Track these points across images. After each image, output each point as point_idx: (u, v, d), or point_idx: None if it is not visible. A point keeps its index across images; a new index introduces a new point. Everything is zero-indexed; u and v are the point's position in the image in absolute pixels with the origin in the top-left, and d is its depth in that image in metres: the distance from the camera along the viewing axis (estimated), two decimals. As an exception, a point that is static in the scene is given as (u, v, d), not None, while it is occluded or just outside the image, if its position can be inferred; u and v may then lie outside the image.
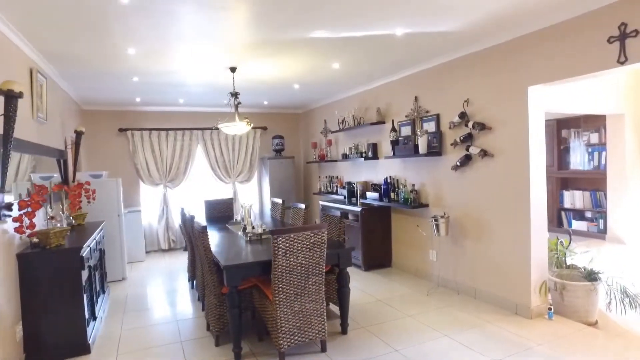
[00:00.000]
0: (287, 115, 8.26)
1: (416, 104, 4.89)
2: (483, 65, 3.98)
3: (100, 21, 3.05)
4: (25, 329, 3.12)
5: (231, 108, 4.77)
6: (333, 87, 6.03)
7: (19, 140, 3.21)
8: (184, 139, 7.43)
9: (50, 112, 4.21)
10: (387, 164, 5.56)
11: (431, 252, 4.80)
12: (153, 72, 4.60)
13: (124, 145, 7.05)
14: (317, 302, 3.14)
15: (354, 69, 4.92)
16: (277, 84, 5.58)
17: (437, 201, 4.69)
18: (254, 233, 4.06)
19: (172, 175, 7.36)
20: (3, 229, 2.90)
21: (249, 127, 4.81)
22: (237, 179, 7.84)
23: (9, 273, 2.95)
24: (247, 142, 7.89)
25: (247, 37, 3.58)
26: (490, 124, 3.92)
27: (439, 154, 4.55)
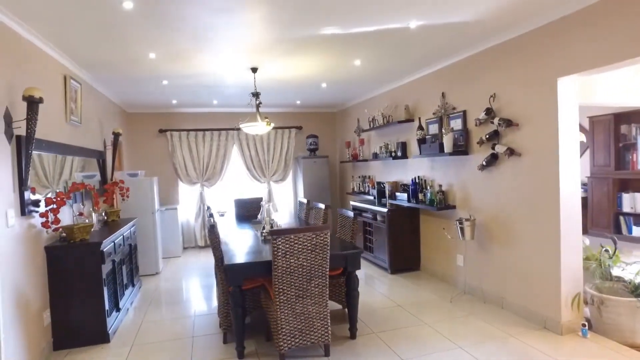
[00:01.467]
0: (322, 114, 8.23)
1: (443, 100, 4.64)
2: (509, 56, 3.67)
3: (117, 28, 3.20)
4: (53, 315, 3.37)
5: (252, 108, 4.81)
6: (363, 85, 5.90)
7: (49, 142, 3.46)
8: (220, 139, 7.65)
9: (85, 116, 4.51)
10: (415, 164, 5.34)
11: (458, 256, 4.54)
12: (179, 75, 4.77)
13: (164, 145, 7.40)
14: (321, 305, 3.07)
15: (376, 66, 4.78)
16: (304, 83, 5.56)
17: (464, 203, 4.42)
18: (268, 232, 4.05)
19: (208, 175, 7.62)
20: (30, 223, 3.14)
21: (270, 127, 4.84)
22: (271, 178, 7.94)
23: (37, 263, 3.20)
24: (282, 142, 7.97)
25: (261, 37, 3.59)
26: (517, 120, 3.61)
27: (465, 153, 4.28)
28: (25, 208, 2.99)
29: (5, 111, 2.83)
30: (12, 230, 2.84)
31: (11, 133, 2.88)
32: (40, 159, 3.65)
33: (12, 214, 2.84)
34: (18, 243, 2.92)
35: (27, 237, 3.07)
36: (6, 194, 2.80)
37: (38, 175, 3.74)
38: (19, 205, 2.95)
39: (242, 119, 7.46)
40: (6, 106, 2.84)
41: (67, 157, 4.38)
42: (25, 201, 2.99)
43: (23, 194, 2.98)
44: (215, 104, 6.94)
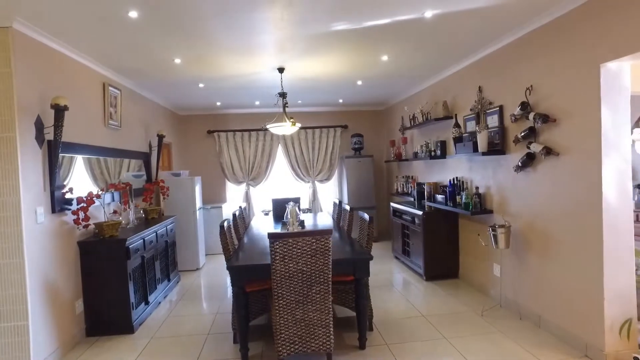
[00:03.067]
0: (367, 112, 8.02)
1: (480, 95, 4.25)
2: (546, 43, 3.24)
3: (134, 37, 3.36)
4: (85, 304, 3.66)
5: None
6: (401, 82, 5.63)
7: (82, 145, 3.75)
8: (265, 139, 7.80)
9: (127, 120, 4.84)
10: (454, 164, 4.97)
11: (495, 266, 4.13)
12: (211, 78, 4.92)
13: (213, 146, 7.72)
14: (322, 312, 2.96)
15: (406, 61, 4.53)
16: (337, 81, 5.44)
17: (500, 207, 4.00)
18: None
19: (253, 174, 7.81)
20: (63, 220, 3.43)
21: (296, 128, 4.80)
22: (316, 178, 7.91)
23: (69, 256, 3.49)
24: (327, 141, 7.91)
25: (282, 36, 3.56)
26: (554, 115, 3.18)
27: (501, 153, 3.88)
28: (55, 206, 3.27)
29: (36, 118, 3.11)
30: (41, 227, 3.12)
31: (42, 138, 3.16)
32: (105, 162, 4.27)
33: (42, 212, 3.12)
34: (48, 238, 3.20)
35: (59, 233, 3.36)
36: (36, 193, 3.08)
37: (103, 174, 4.32)
38: (49, 204, 3.23)
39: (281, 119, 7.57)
40: (38, 114, 3.12)
41: (124, 160, 4.85)
42: (55, 200, 3.27)
43: (53, 193, 3.26)
44: (257, 104, 7.07)
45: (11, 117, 2.88)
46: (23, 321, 2.93)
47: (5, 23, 2.85)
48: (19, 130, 2.90)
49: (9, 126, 2.87)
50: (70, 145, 3.52)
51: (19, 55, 2.94)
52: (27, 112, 3.01)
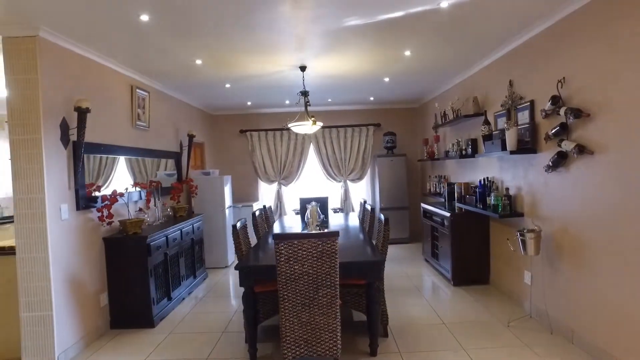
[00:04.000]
0: (401, 110, 7.79)
1: (510, 89, 3.96)
2: (583, 27, 2.93)
3: (151, 40, 3.46)
4: (110, 297, 3.83)
5: (296, 107, 4.76)
6: (431, 78, 5.40)
7: (108, 146, 3.92)
8: (297, 138, 7.80)
9: (156, 120, 5.01)
10: (485, 163, 4.68)
11: (526, 273, 3.84)
12: (235, 77, 4.97)
13: (245, 145, 7.84)
14: (329, 316, 2.87)
15: (430, 56, 4.33)
16: (365, 78, 5.32)
17: (531, 211, 3.71)
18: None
19: (285, 173, 7.84)
20: (88, 217, 3.60)
21: (317, 127, 4.74)
22: (348, 177, 7.81)
23: (94, 252, 3.67)
24: (359, 140, 7.78)
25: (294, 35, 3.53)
26: (588, 110, 2.87)
27: (532, 151, 3.58)
28: (79, 204, 3.44)
29: (62, 121, 3.28)
30: (65, 223, 3.29)
31: (67, 139, 3.33)
32: (143, 162, 4.66)
33: (66, 209, 3.29)
34: (72, 234, 3.37)
35: (84, 229, 3.53)
36: (61, 191, 3.25)
37: (141, 173, 4.66)
38: (74, 201, 3.41)
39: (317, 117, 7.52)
40: (63, 116, 3.29)
41: (161, 159, 5.12)
42: (79, 197, 3.44)
43: (77, 191, 3.43)
44: (287, 103, 7.08)
45: (37, 120, 3.05)
46: (48, 311, 3.11)
47: (32, 32, 3.02)
48: (44, 132, 3.07)
49: (34, 128, 3.05)
50: (95, 146, 3.69)
51: (45, 61, 3.11)
52: (53, 115, 3.18)
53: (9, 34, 3.03)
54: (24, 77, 3.04)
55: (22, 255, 3.10)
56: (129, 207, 4.11)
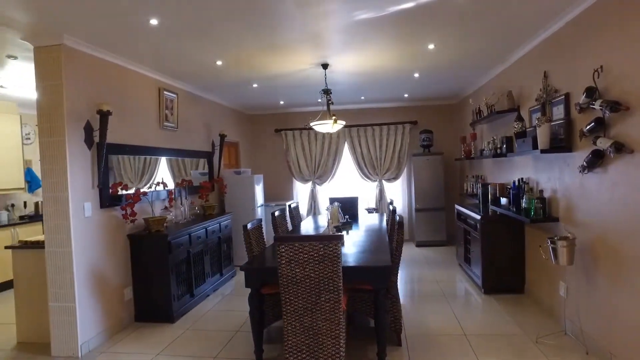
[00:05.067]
0: (438, 107, 7.44)
1: (545, 82, 3.60)
2: (624, 7, 2.58)
3: (168, 43, 3.55)
4: (134, 292, 4.00)
5: (323, 106, 4.67)
6: (462, 72, 5.09)
7: (133, 146, 4.09)
8: (332, 137, 7.72)
9: (184, 121, 5.16)
10: (520, 163, 4.32)
11: (561, 284, 3.48)
12: (260, 77, 5.00)
13: (280, 144, 7.89)
14: (332, 322, 2.78)
15: (455, 49, 4.08)
16: (393, 74, 5.13)
17: (566, 216, 3.35)
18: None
19: (319, 172, 7.79)
20: (112, 214, 3.78)
21: (340, 126, 4.63)
22: (383, 177, 7.60)
23: (119, 248, 3.85)
24: (395, 138, 7.54)
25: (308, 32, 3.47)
26: (628, 102, 2.52)
27: (566, 149, 3.23)
28: (103, 202, 3.62)
29: (86, 123, 3.46)
30: (89, 220, 3.47)
31: (91, 141, 3.51)
32: (183, 162, 5.05)
33: (89, 207, 3.47)
34: (96, 230, 3.55)
35: (108, 226, 3.71)
36: (84, 190, 3.44)
37: (180, 172, 5.02)
38: (97, 200, 3.59)
39: (348, 115, 7.42)
40: (87, 119, 3.48)
41: (197, 159, 5.42)
42: (103, 196, 3.62)
43: (102, 190, 3.61)
44: (319, 101, 7.01)
45: (61, 123, 3.24)
46: (71, 303, 3.30)
47: (57, 41, 3.21)
48: (67, 134, 3.26)
49: (59, 131, 3.24)
50: (120, 147, 3.87)
51: (69, 68, 3.29)
52: (77, 118, 3.37)
53: (39, 44, 3.25)
54: (50, 83, 3.25)
55: (50, 249, 3.31)
56: (154, 205, 4.26)
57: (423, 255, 6.43)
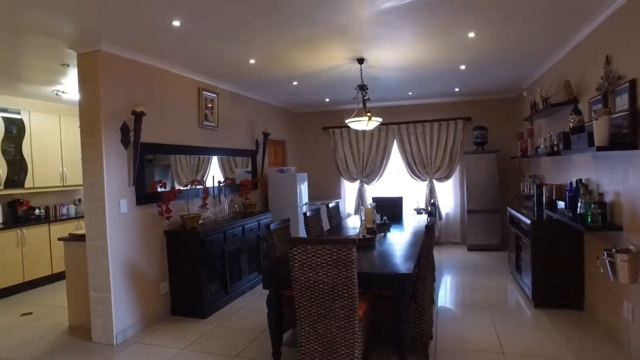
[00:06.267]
0: (494, 101, 6.86)
1: (607, 67, 3.12)
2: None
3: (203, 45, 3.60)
4: (170, 286, 4.15)
5: (359, 104, 4.49)
6: (513, 61, 4.62)
7: (169, 145, 4.24)
8: (380, 134, 7.48)
9: (225, 120, 5.26)
10: (580, 162, 3.81)
11: (625, 304, 3.00)
12: (297, 75, 4.94)
13: (328, 142, 7.80)
14: (347, 330, 2.63)
15: (498, 36, 3.70)
16: (437, 67, 4.80)
17: (632, 224, 2.87)
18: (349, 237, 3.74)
19: (368, 171, 7.59)
20: (149, 211, 3.95)
21: (376, 123, 4.43)
22: (434, 176, 7.21)
23: (155, 243, 4.01)
24: (447, 135, 7.11)
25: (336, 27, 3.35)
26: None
27: (631, 146, 2.77)
28: (139, 199, 3.78)
29: (122, 124, 3.64)
30: (125, 216, 3.65)
31: (127, 141, 3.69)
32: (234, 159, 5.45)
33: (125, 204, 3.65)
34: (132, 226, 3.72)
35: (144, 222, 3.87)
36: (120, 188, 3.62)
37: (232, 169, 5.40)
38: (134, 197, 3.76)
39: (397, 112, 7.14)
40: (124, 120, 3.65)
41: (238, 158, 5.58)
42: (139, 194, 3.78)
43: (138, 188, 3.77)
44: (366, 98, 6.79)
45: (98, 125, 3.43)
46: (107, 293, 3.50)
47: (95, 47, 3.40)
48: (104, 135, 3.44)
49: (96, 132, 3.44)
50: (157, 146, 4.02)
51: (107, 72, 3.47)
52: (114, 119, 3.55)
53: (81, 51, 3.47)
54: (90, 87, 3.45)
55: (89, 243, 3.53)
56: (190, 203, 4.39)
57: (473, 260, 5.98)
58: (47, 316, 4.28)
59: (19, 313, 4.45)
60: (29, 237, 5.22)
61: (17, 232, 5.13)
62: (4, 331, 3.97)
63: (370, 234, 3.97)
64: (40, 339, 3.69)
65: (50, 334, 3.81)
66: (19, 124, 5.45)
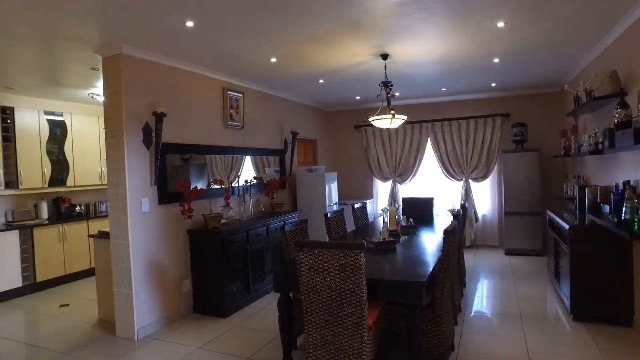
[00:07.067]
0: (535, 96, 6.41)
1: (656, 56, 2.77)
2: None
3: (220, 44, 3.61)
4: (193, 284, 4.21)
5: (383, 102, 4.32)
6: (552, 53, 4.25)
7: (193, 145, 4.30)
8: (414, 132, 7.23)
9: (251, 120, 5.27)
10: (628, 161, 3.44)
11: (673, 323, 2.65)
12: (321, 73, 4.85)
13: (360, 141, 7.65)
14: (355, 338, 2.52)
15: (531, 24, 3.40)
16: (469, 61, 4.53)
17: (682, 233, 2.52)
18: (368, 241, 3.61)
19: (400, 170, 7.37)
20: (172, 210, 4.02)
21: (400, 121, 4.25)
22: (470, 176, 6.86)
23: (178, 242, 4.08)
24: (484, 133, 6.74)
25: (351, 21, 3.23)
26: None
27: (681, 146, 2.43)
28: (161, 198, 3.86)
29: (144, 125, 3.72)
30: (146, 215, 3.74)
31: (150, 141, 3.77)
32: (266, 159, 5.66)
33: (147, 203, 3.73)
34: (154, 225, 3.80)
35: (167, 221, 3.95)
36: (142, 187, 3.70)
37: (265, 167, 5.60)
38: (156, 196, 3.84)
39: (430, 109, 6.87)
40: (146, 121, 3.73)
41: (265, 157, 5.66)
42: (161, 193, 3.86)
43: (159, 187, 3.85)
44: (397, 95, 6.60)
45: (120, 126, 3.52)
46: (128, 290, 3.60)
47: (117, 51, 3.50)
48: (126, 136, 3.53)
49: (118, 133, 3.53)
50: (180, 146, 4.09)
51: (128, 74, 3.56)
52: (136, 120, 3.63)
53: (105, 55, 3.58)
54: (112, 89, 3.55)
55: (113, 240, 3.65)
56: (213, 203, 4.43)
57: (511, 264, 5.62)
58: (81, 308, 4.50)
59: (58, 304, 4.71)
60: (69, 233, 5.52)
61: (59, 228, 5.43)
62: (42, 321, 4.21)
63: (393, 237, 3.82)
64: (70, 331, 3.87)
65: (81, 326, 3.99)
66: (62, 126, 5.78)
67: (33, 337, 3.85)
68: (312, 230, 5.85)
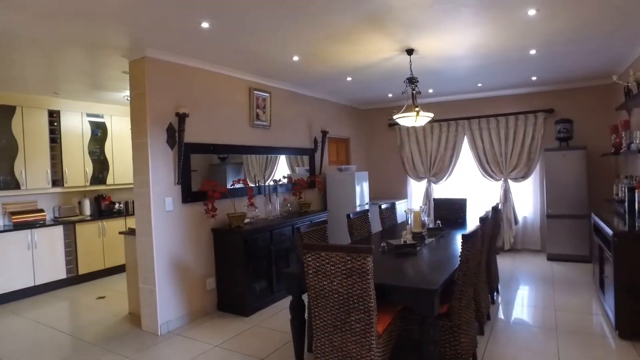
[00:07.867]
0: (581, 90, 5.91)
1: None
2: None
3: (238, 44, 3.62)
4: (217, 283, 4.28)
5: (408, 99, 4.15)
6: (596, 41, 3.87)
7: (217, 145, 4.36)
8: (450, 130, 6.95)
9: (279, 119, 5.26)
10: (682, 161, 3.06)
11: None
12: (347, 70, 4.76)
13: (394, 139, 7.46)
14: (363, 345, 2.42)
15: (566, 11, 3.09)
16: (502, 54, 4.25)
17: None
18: (388, 243, 3.48)
19: (436, 169, 7.11)
20: (196, 209, 4.10)
21: (427, 119, 4.06)
22: (509, 176, 6.48)
23: (202, 240, 4.16)
24: (525, 130, 6.34)
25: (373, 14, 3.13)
26: None
27: None
28: (185, 197, 3.95)
29: (168, 125, 3.82)
30: (170, 214, 3.83)
31: (173, 142, 3.86)
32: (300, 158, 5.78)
33: (171, 202, 3.83)
34: (177, 223, 3.89)
35: (191, 220, 4.03)
36: (166, 186, 3.80)
37: (299, 166, 5.74)
38: (179, 195, 3.92)
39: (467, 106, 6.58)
40: (169, 122, 3.83)
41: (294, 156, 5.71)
42: (184, 192, 3.94)
43: (184, 187, 3.94)
44: (430, 92, 6.36)
45: (144, 127, 3.64)
46: (152, 286, 3.71)
47: (142, 54, 3.61)
48: (150, 136, 3.64)
49: (143, 134, 3.65)
50: (204, 146, 4.16)
51: (152, 76, 3.66)
52: (160, 121, 3.73)
53: (131, 59, 3.71)
54: (138, 91, 3.67)
55: (138, 237, 3.78)
56: (237, 202, 4.47)
57: (553, 271, 5.24)
58: (115, 301, 4.71)
59: (96, 296, 4.97)
60: (108, 229, 5.82)
61: (99, 224, 5.74)
62: (78, 312, 4.46)
63: (417, 239, 3.66)
64: (101, 322, 4.06)
65: (112, 318, 4.18)
66: (103, 127, 6.10)
67: (70, 326, 4.08)
68: (341, 231, 5.81)
